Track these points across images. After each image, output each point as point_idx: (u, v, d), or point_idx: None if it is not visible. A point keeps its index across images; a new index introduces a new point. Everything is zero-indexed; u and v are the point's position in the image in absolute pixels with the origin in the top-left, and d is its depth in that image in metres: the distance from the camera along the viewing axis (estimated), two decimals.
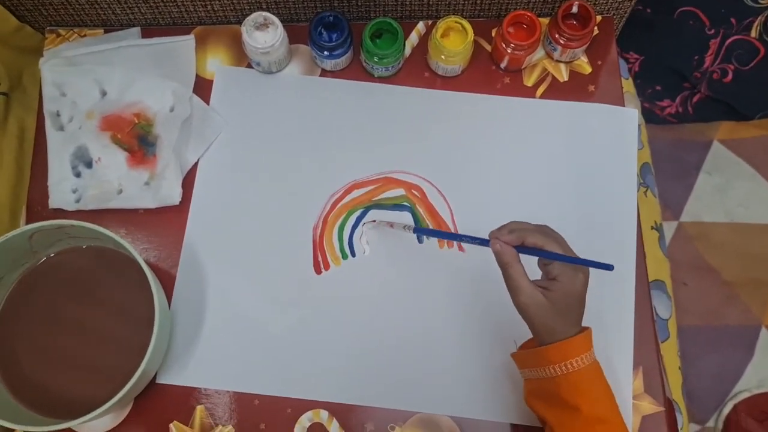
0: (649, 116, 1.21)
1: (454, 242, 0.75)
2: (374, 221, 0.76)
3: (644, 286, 0.74)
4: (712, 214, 1.17)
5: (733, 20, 1.10)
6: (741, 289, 1.13)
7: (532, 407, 0.59)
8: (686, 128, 1.20)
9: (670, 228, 1.16)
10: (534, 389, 0.59)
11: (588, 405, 0.54)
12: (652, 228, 0.87)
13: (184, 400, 0.72)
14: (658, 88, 1.20)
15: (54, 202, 0.76)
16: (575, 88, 0.80)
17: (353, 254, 0.76)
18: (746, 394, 1.09)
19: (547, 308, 0.55)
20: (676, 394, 0.82)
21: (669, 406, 0.72)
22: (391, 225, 0.73)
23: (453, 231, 0.75)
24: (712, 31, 1.11)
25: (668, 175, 1.16)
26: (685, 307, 1.12)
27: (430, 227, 0.76)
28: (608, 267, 0.52)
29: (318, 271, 0.75)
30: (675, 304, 0.91)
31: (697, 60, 1.14)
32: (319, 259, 0.75)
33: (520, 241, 0.56)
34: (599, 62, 0.80)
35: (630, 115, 0.79)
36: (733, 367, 1.11)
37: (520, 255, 0.56)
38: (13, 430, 0.69)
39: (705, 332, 1.12)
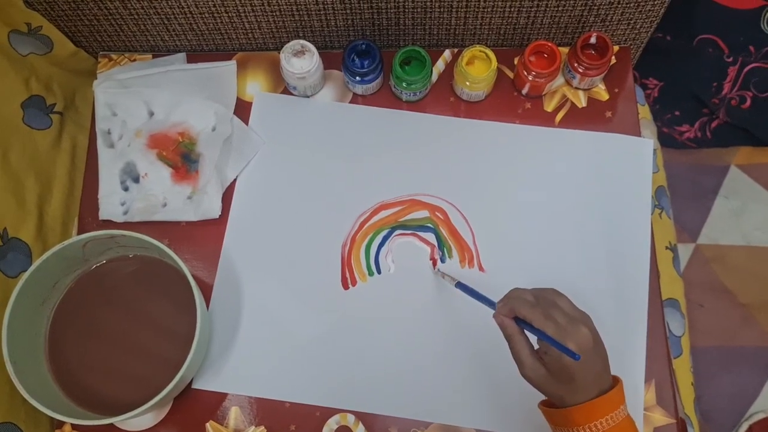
0: (667, 141, 1.20)
1: (474, 262, 0.78)
2: (439, 271, 0.77)
3: (657, 303, 0.76)
4: (729, 237, 1.15)
5: (751, 48, 1.09)
6: (757, 311, 1.12)
7: None
8: (704, 153, 1.20)
9: (687, 250, 1.15)
10: None
11: None
12: (667, 248, 0.88)
13: (220, 402, 0.74)
14: (677, 113, 1.19)
15: (104, 214, 0.79)
16: (593, 114, 0.82)
17: (379, 271, 0.78)
18: (761, 415, 1.07)
19: (549, 379, 0.55)
20: (689, 409, 0.83)
21: (680, 418, 0.73)
22: (443, 276, 0.75)
23: (474, 252, 0.78)
24: (731, 59, 1.10)
25: (686, 199, 1.16)
26: (702, 328, 1.11)
27: (453, 248, 0.78)
28: (574, 356, 0.52)
29: (346, 287, 0.78)
30: (690, 324, 0.90)
31: (716, 86, 1.13)
32: (347, 275, 0.78)
33: (513, 313, 0.56)
34: (616, 90, 0.82)
35: (646, 144, 0.80)
36: (749, 388, 1.10)
37: None
38: (64, 423, 0.74)
39: (721, 353, 1.11)
